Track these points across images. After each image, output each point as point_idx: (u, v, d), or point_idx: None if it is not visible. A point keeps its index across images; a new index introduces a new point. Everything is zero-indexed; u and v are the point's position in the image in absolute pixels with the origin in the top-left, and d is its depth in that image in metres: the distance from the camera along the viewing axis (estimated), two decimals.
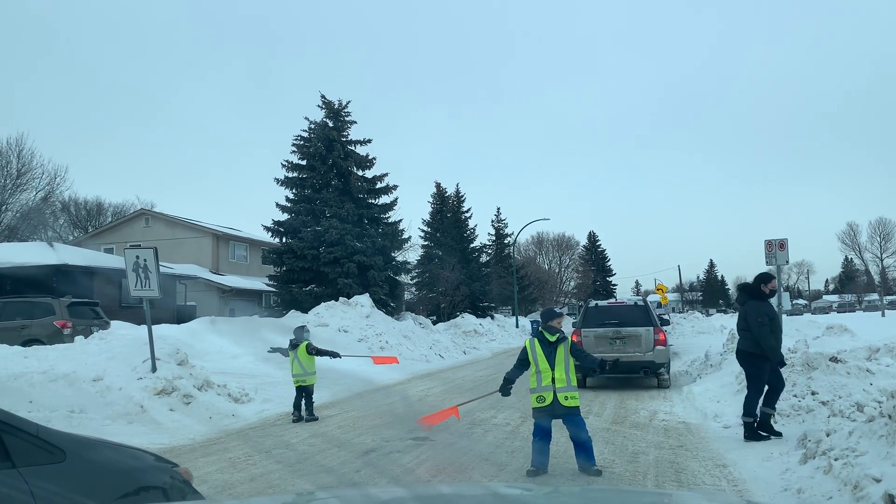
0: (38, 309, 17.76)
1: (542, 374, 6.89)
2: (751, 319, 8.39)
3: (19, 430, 2.61)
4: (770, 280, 8.71)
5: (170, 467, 3.31)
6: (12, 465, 2.48)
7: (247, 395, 12.08)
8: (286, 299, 29.08)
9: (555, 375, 6.82)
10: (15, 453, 2.51)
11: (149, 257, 11.30)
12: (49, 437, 2.74)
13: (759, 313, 8.34)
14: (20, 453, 2.53)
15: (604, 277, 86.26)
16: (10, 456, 2.48)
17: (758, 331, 8.24)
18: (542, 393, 6.88)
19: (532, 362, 7.03)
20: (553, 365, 6.86)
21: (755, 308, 8.44)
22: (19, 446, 2.55)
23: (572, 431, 6.88)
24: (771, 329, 8.28)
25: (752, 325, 8.34)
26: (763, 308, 8.45)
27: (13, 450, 2.51)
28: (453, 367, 20.92)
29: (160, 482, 3.14)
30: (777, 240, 14.85)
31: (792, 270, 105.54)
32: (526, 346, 7.20)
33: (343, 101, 31.16)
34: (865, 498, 5.01)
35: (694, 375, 15.35)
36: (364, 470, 7.32)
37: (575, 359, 7.03)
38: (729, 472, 6.94)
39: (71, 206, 49.05)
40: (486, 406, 12.03)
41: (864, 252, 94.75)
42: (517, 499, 2.15)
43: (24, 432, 2.63)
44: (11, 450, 2.50)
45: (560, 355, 6.89)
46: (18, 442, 2.56)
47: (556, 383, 6.80)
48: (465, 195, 49.06)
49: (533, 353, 7.01)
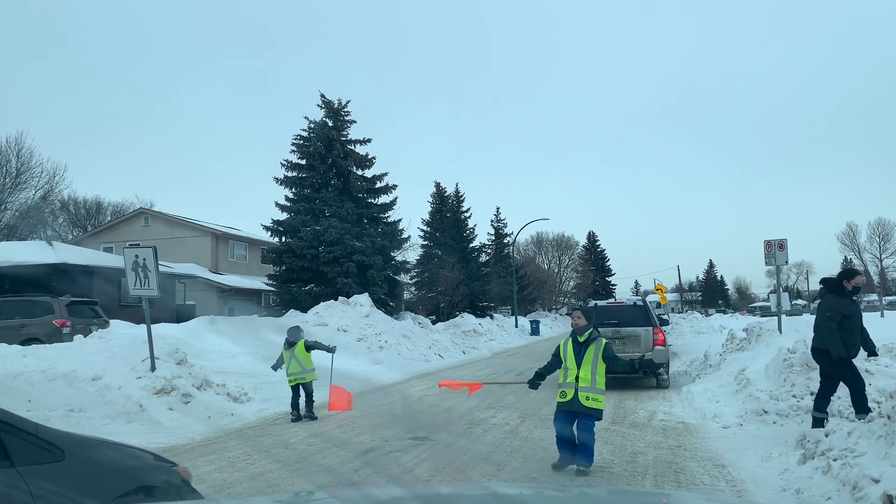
0: (38, 308, 17.75)
1: (568, 370, 7.16)
2: (819, 313, 8.13)
3: (18, 429, 2.61)
4: (853, 276, 8.24)
5: (169, 466, 3.30)
6: (11, 465, 2.47)
7: (246, 394, 12.08)
8: (285, 299, 29.09)
9: (579, 374, 7.03)
10: (14, 452, 2.50)
11: (148, 256, 11.29)
12: (48, 436, 2.73)
13: (830, 307, 7.96)
14: (19, 452, 2.52)
15: (603, 277, 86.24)
16: (8, 455, 2.48)
17: (823, 324, 7.93)
18: (565, 388, 7.14)
19: (563, 359, 7.31)
20: (580, 364, 7.07)
21: (828, 302, 8.07)
22: (18, 445, 2.54)
23: (580, 431, 7.02)
24: (841, 325, 7.84)
25: (820, 318, 8.05)
26: (837, 303, 7.99)
27: (12, 449, 2.50)
28: (452, 367, 20.92)
29: (159, 481, 3.13)
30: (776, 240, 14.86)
31: (791, 271, 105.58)
32: (560, 343, 7.49)
33: (343, 100, 31.23)
34: (864, 498, 5.01)
35: (693, 375, 15.36)
36: (363, 469, 7.32)
37: (606, 361, 7.12)
38: (728, 472, 6.95)
39: (70, 204, 49.06)
40: (484, 406, 12.04)
41: (863, 252, 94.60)
42: (516, 499, 2.15)
43: (24, 431, 2.62)
44: (10, 449, 2.49)
45: (589, 356, 7.07)
46: (17, 441, 2.55)
47: (580, 382, 7.01)
48: (464, 195, 49.13)
49: (564, 351, 7.30)
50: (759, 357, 11.92)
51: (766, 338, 14.17)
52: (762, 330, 14.74)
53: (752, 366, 11.40)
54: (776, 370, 10.03)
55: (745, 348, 14.26)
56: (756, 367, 11.21)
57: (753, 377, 10.71)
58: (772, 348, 11.93)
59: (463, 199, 48.93)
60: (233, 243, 39.31)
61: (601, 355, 7.07)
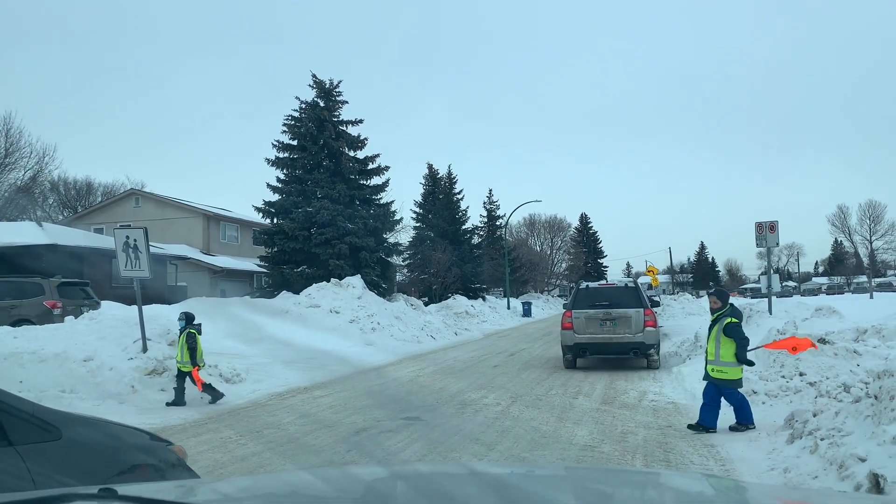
0: (28, 289, 17.64)
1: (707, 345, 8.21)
2: None
3: (15, 408, 2.62)
4: None
5: (164, 445, 3.31)
6: (9, 444, 2.49)
7: (238, 375, 12.08)
8: (277, 280, 29.00)
9: (707, 348, 8.17)
10: (11, 432, 2.52)
11: (139, 237, 11.24)
12: (45, 414, 2.75)
13: None
14: (16, 431, 2.54)
15: (595, 259, 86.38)
16: (6, 434, 2.50)
17: None
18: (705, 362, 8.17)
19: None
20: (708, 340, 8.18)
21: None
22: (15, 424, 2.56)
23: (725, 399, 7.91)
24: None
25: None
26: None
27: (10, 428, 2.52)
28: (444, 349, 20.98)
29: (155, 460, 3.15)
30: (768, 222, 14.92)
31: (782, 252, 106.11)
32: None
33: (334, 80, 30.90)
34: (850, 477, 5.06)
35: (683, 356, 15.44)
36: (354, 450, 7.35)
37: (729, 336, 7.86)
38: (717, 451, 7.01)
39: (60, 185, 48.71)
40: (476, 386, 12.09)
41: (853, 235, 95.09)
42: (498, 477, 2.15)
43: (21, 410, 2.64)
44: (8, 428, 2.52)
45: (714, 332, 8.03)
46: (14, 420, 2.57)
47: (707, 355, 8.10)
48: (457, 176, 48.93)
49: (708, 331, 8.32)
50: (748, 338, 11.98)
51: (756, 319, 14.29)
52: (752, 311, 14.86)
53: None
54: (765, 351, 10.09)
55: None
56: None
57: None
58: (762, 329, 12.02)
59: (456, 181, 48.81)
60: (224, 224, 39.13)
61: (722, 331, 7.88)
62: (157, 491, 1.83)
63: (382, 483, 2.03)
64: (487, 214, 59.73)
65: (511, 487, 1.89)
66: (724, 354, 7.82)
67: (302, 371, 13.65)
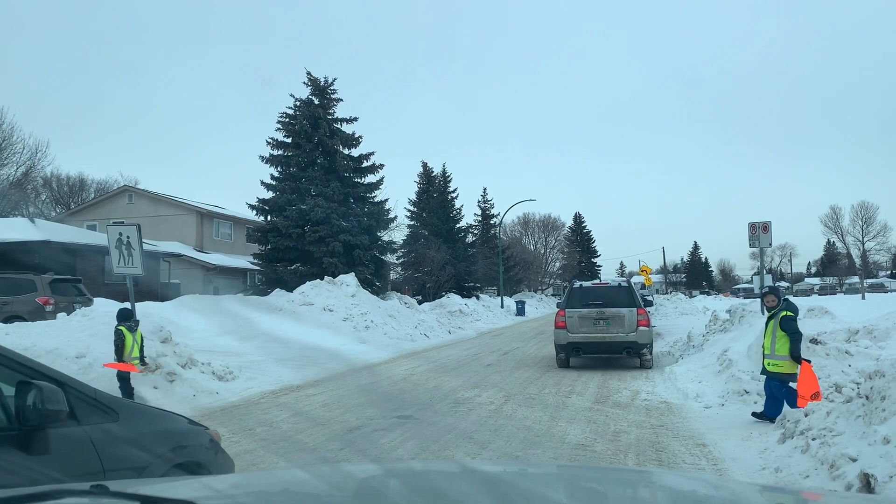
0: (20, 285, 17.57)
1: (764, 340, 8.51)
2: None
3: (82, 392, 3.04)
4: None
5: (202, 429, 3.72)
6: (78, 423, 2.89)
7: (231, 373, 12.04)
8: (271, 278, 28.95)
9: (764, 343, 8.48)
10: (80, 412, 2.92)
11: (132, 234, 11.18)
12: (105, 399, 3.17)
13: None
14: (84, 413, 2.95)
15: (589, 258, 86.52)
16: (76, 415, 2.89)
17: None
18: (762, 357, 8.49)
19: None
20: (764, 334, 8.51)
21: None
22: (83, 407, 2.97)
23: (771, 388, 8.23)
24: None
25: None
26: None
27: (78, 410, 2.92)
28: (438, 347, 20.98)
29: (195, 441, 3.59)
30: (761, 222, 14.96)
31: (775, 253, 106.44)
32: None
33: (329, 78, 30.87)
34: (841, 476, 5.09)
35: (676, 356, 15.50)
36: (346, 448, 7.35)
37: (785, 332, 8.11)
38: (709, 451, 7.03)
39: (53, 181, 48.43)
40: (469, 385, 12.10)
41: (846, 235, 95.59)
42: (491, 475, 2.15)
43: (85, 395, 3.05)
44: (77, 410, 2.91)
45: (770, 328, 8.35)
46: (82, 403, 2.98)
47: (764, 350, 8.41)
48: (451, 175, 48.97)
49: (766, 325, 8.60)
50: (741, 338, 12.04)
51: (748, 319, 14.31)
52: (745, 311, 14.89)
53: (735, 347, 11.51)
54: (758, 351, 10.13)
55: (727, 329, 14.39)
56: (738, 348, 11.31)
57: (735, 358, 10.82)
58: (754, 329, 12.04)
59: (450, 180, 48.83)
60: (218, 222, 39.02)
61: (779, 326, 8.13)
62: (148, 488, 1.83)
63: (375, 480, 2.03)
64: (482, 213, 59.83)
65: (504, 485, 1.89)
66: (780, 349, 8.13)
67: (295, 369, 13.63)
